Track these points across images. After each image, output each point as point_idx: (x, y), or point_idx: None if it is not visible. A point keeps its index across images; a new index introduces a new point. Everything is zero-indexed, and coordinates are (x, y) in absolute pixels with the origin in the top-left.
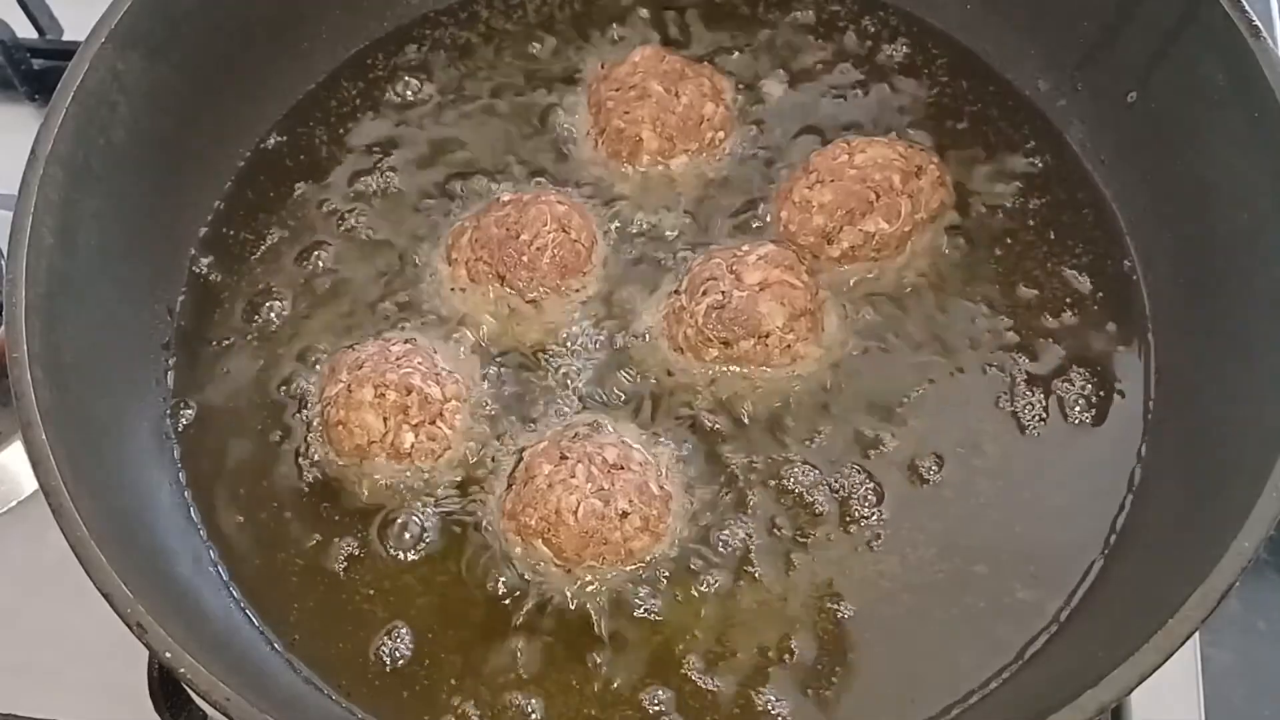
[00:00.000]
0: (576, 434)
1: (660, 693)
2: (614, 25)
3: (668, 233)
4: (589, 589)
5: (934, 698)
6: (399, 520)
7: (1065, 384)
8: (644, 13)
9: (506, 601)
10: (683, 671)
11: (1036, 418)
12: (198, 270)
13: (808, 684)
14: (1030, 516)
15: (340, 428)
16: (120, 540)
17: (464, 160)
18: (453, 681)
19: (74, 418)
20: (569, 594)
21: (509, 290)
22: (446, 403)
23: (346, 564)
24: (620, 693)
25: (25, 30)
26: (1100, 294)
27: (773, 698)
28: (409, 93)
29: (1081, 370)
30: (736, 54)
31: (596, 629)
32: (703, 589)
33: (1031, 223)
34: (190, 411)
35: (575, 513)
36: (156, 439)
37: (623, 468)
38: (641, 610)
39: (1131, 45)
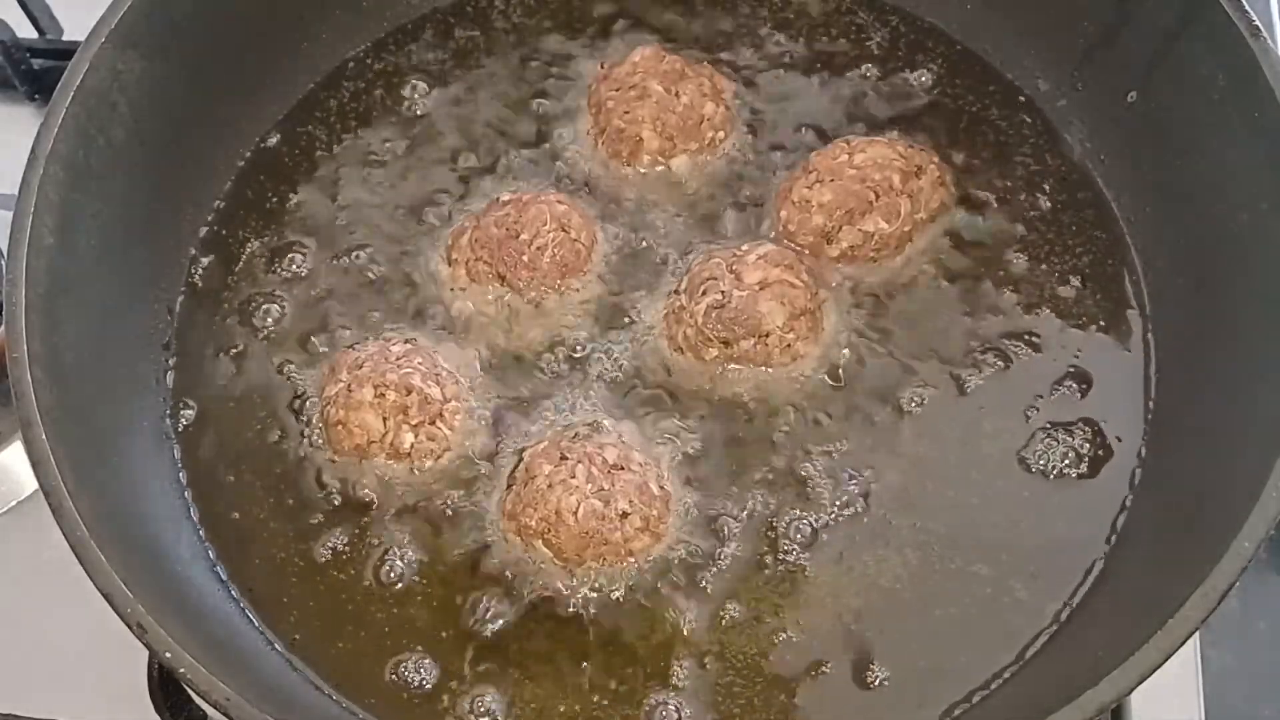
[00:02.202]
0: (576, 434)
1: (660, 692)
2: (614, 24)
3: (668, 232)
4: (589, 589)
5: (936, 698)
6: (398, 521)
7: (1065, 383)
8: (644, 11)
9: (506, 602)
10: (683, 671)
11: (1036, 417)
12: (197, 270)
13: (808, 685)
14: (1030, 516)
15: (340, 427)
16: (120, 540)
17: (463, 160)
18: (452, 681)
19: (74, 418)
20: (569, 594)
21: (509, 290)
22: (446, 403)
23: (346, 563)
24: (620, 693)
25: (25, 30)
26: (1100, 294)
27: (773, 698)
28: (409, 92)
29: (1081, 370)
30: (736, 53)
31: (596, 629)
32: (703, 589)
33: (1031, 223)
34: (190, 411)
35: (575, 513)
36: (156, 439)
37: (623, 468)
38: (641, 611)
39: (1131, 45)
